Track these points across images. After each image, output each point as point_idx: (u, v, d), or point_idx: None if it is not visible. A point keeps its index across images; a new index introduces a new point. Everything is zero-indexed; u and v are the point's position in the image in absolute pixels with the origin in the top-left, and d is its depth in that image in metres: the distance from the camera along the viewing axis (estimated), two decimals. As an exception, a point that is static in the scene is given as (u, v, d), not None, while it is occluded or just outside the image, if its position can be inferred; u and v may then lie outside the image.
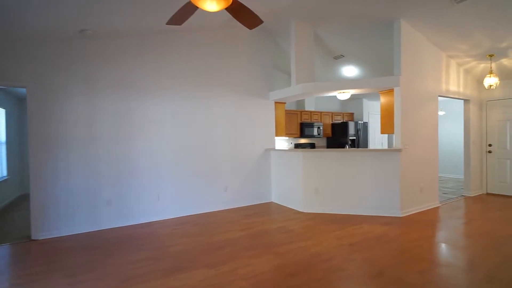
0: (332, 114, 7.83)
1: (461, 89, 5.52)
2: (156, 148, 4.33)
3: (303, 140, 7.55)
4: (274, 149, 5.40)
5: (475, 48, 4.70)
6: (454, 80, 5.35)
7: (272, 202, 5.47)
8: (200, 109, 4.73)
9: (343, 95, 4.75)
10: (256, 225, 4.03)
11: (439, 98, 5.21)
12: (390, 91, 4.57)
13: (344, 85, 4.56)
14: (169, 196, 4.44)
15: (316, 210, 4.63)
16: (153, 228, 3.98)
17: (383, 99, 4.72)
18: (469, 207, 4.87)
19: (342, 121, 7.97)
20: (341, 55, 5.78)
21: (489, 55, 4.83)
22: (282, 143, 7.15)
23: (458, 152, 7.68)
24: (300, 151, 4.66)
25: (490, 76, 4.85)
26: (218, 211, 4.82)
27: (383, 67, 5.71)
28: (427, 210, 4.71)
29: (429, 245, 3.19)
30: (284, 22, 4.90)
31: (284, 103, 5.79)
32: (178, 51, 4.52)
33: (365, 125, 7.93)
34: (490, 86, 4.87)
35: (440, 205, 5.02)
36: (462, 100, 5.84)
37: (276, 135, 5.69)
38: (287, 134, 6.83)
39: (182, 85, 4.56)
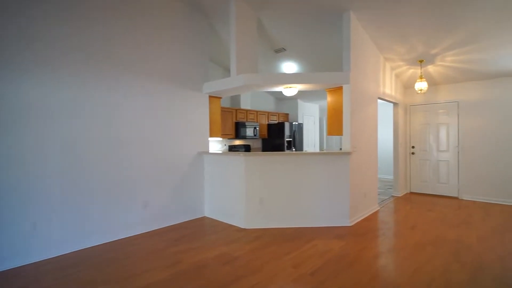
0: (268, 114, 7.32)
1: (393, 93, 5.66)
2: (36, 153, 2.88)
3: (238, 142, 6.80)
4: (208, 152, 4.46)
5: (410, 52, 4.76)
6: (388, 84, 5.42)
7: (205, 217, 4.51)
8: (111, 99, 3.44)
9: (290, 90, 4.17)
10: (189, 255, 3.03)
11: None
12: (338, 89, 4.19)
13: (293, 79, 3.97)
14: (56, 222, 3.03)
15: (261, 225, 3.90)
16: (22, 278, 2.56)
17: (330, 98, 4.33)
18: (404, 209, 4.92)
19: (278, 121, 7.54)
20: (283, 48, 5.25)
21: (420, 61, 4.98)
22: (215, 145, 6.24)
23: (382, 153, 8.14)
24: (242, 155, 3.86)
25: (420, 81, 5.01)
26: (134, 237, 3.60)
27: (327, 66, 5.41)
28: (371, 215, 4.53)
29: (394, 263, 2.80)
30: (223, 1, 4.05)
31: (220, 97, 4.90)
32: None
33: (300, 126, 7.69)
34: (421, 90, 5.04)
35: (379, 208, 4.94)
36: (392, 104, 6.04)
37: (211, 136, 4.76)
38: (222, 134, 5.96)
39: (87, 66, 3.20)
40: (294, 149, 7.37)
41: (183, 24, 4.25)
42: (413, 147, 6.26)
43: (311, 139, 8.44)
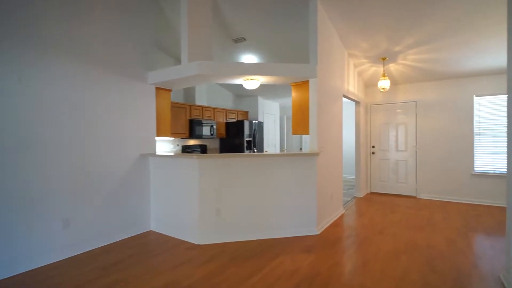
0: (227, 112, 6.74)
1: (356, 91, 5.49)
2: None
3: (192, 141, 6.10)
4: (155, 155, 3.73)
5: (373, 48, 4.58)
6: (352, 81, 5.23)
7: (151, 232, 3.78)
8: (25, 89, 2.55)
9: (251, 83, 3.65)
10: (123, 289, 2.34)
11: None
12: (304, 84, 3.80)
13: (255, 69, 3.46)
14: None
15: (218, 239, 3.32)
16: None
17: (295, 93, 3.92)
18: (368, 211, 4.74)
19: (237, 119, 7.00)
20: (243, 37, 4.72)
21: (382, 58, 4.85)
22: (166, 145, 5.47)
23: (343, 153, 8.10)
24: (195, 157, 3.24)
25: (383, 79, 4.88)
26: (53, 266, 2.76)
27: (292, 60, 5.01)
28: (337, 219, 4.23)
29: (371, 281, 2.44)
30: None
31: (170, 90, 4.19)
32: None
33: (261, 125, 7.25)
34: (383, 88, 4.91)
35: (344, 211, 4.70)
36: (353, 103, 5.90)
37: (159, 135, 4.03)
38: (174, 133, 5.23)
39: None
40: (255, 150, 6.90)
41: (125, 3, 3.47)
42: (373, 146, 6.21)
43: (272, 139, 8.06)
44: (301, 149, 9.11)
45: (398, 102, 5.91)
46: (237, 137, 6.64)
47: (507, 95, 2.36)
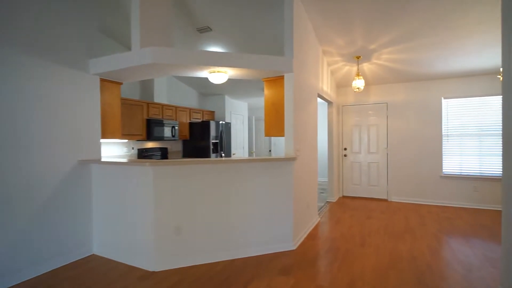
0: (190, 111, 6.11)
1: (329, 91, 5.23)
2: None
3: (151, 144, 5.39)
4: (98, 161, 3.03)
5: (349, 46, 4.33)
6: (325, 80, 4.95)
7: (94, 256, 3.07)
8: None
9: (218, 76, 3.13)
10: None
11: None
12: (278, 80, 3.38)
13: (222, 59, 2.94)
14: None
15: (178, 263, 2.74)
16: None
17: (269, 90, 3.48)
18: (344, 218, 4.46)
19: (202, 120, 6.40)
20: (208, 27, 4.17)
21: (357, 57, 4.63)
22: (118, 149, 4.71)
23: None
24: (148, 164, 2.62)
25: (358, 78, 4.66)
26: None
27: (264, 53, 4.57)
28: (313, 230, 3.87)
29: (363, 309, 2.07)
30: None
31: (119, 83, 3.51)
32: None
33: (228, 126, 6.73)
34: (358, 88, 4.69)
35: (319, 219, 4.36)
36: (325, 103, 5.65)
37: (106, 136, 3.33)
38: (126, 135, 4.50)
39: None
40: (222, 154, 6.35)
41: (52, -36, 2.74)
42: (345, 149, 6.02)
43: (240, 141, 7.58)
44: (270, 151, 8.75)
45: (370, 104, 5.79)
46: (202, 139, 6.05)
47: (502, 96, 2.14)
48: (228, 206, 2.92)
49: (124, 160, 3.19)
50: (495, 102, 4.86)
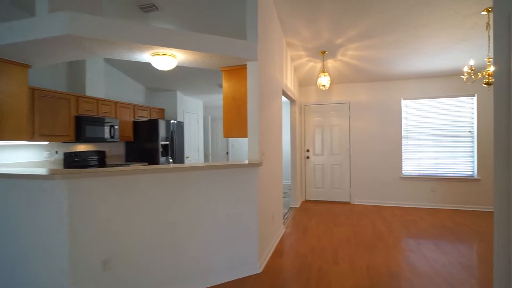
0: (135, 108, 5.23)
1: (292, 88, 4.85)
2: None
3: (83, 147, 4.41)
4: (-10, 173, 2.14)
5: (315, 39, 3.98)
6: (289, 76, 4.55)
7: (-18, 307, 2.17)
8: None
9: (164, 61, 2.47)
10: None
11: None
12: (240, 70, 2.84)
13: (169, 38, 2.29)
14: None
15: (107, 311, 2.02)
16: None
17: (228, 83, 2.91)
18: (310, 226, 4.09)
19: (149, 118, 5.55)
20: (154, 5, 3.45)
21: (322, 52, 4.32)
22: (34, 153, 3.69)
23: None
24: (60, 176, 1.85)
25: (323, 75, 4.35)
26: None
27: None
28: (279, 244, 3.41)
29: None
30: None
31: (26, 66, 2.62)
32: None
33: (181, 126, 5.98)
34: (323, 86, 4.38)
35: (285, 229, 3.93)
36: (288, 101, 5.28)
37: (3, 138, 2.42)
38: (46, 135, 3.53)
39: None
40: (170, 159, 5.57)
41: None
42: (307, 150, 5.72)
43: (194, 143, 6.86)
44: (227, 153, 8.16)
45: (332, 103, 5.57)
46: (149, 140, 5.22)
47: (493, 97, 1.90)
48: (178, 226, 2.28)
49: (32, 169, 2.33)
50: (449, 104, 4.96)
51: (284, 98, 5.04)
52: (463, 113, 4.92)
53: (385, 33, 3.73)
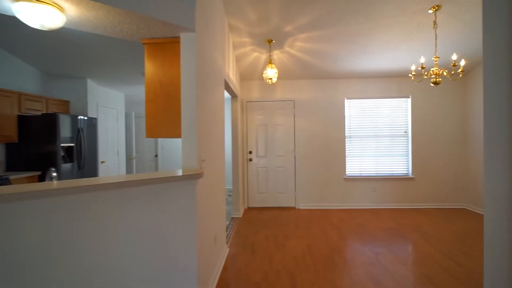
0: (21, 97, 3.83)
1: (234, 80, 4.20)
2: None
3: None
4: None
5: (262, 23, 3.41)
6: (231, 66, 3.89)
7: None
8: None
9: (41, 13, 1.52)
10: None
11: (220, 85, 3.46)
12: (170, 43, 2.05)
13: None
14: None
15: None
16: None
17: (153, 62, 2.09)
18: (258, 241, 3.51)
19: (45, 112, 4.18)
20: None
21: (268, 41, 3.80)
22: None
23: None
24: None
25: (270, 67, 3.82)
26: None
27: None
28: (224, 271, 2.71)
29: None
30: None
31: None
32: None
33: (92, 123, 4.72)
34: (270, 79, 3.86)
35: (228, 249, 3.24)
36: (230, 96, 4.62)
37: None
38: None
39: None
40: (79, 165, 4.29)
41: None
42: (250, 152, 5.15)
43: (113, 144, 5.60)
44: (156, 156, 7.03)
45: (277, 100, 5.13)
46: (44, 142, 3.89)
47: (483, 97, 1.59)
48: (83, 271, 1.38)
49: None
50: (388, 105, 5.03)
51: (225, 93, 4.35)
52: (399, 114, 5.04)
53: (336, 23, 3.40)
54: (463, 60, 3.21)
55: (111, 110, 5.55)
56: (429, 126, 4.95)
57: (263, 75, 3.90)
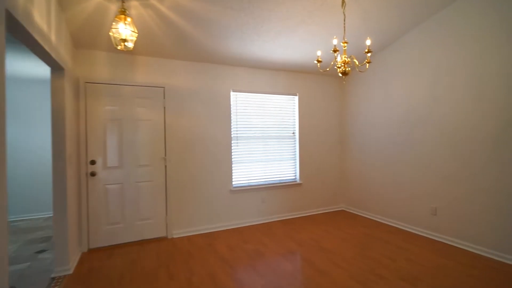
0: None
1: (54, 38, 2.35)
2: None
3: None
4: None
5: None
6: (43, 3, 2.06)
7: None
8: None
9: None
10: None
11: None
12: None
13: None
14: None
15: None
16: None
17: None
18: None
19: None
20: None
21: (120, -23, 2.26)
22: None
23: (13, 172, 4.26)
24: None
25: (125, 23, 2.29)
26: None
27: None
28: None
29: None
30: None
31: None
32: None
33: None
34: (123, 42, 2.33)
35: None
36: (48, 68, 2.69)
37: None
38: None
39: None
40: None
41: None
42: (93, 162, 3.30)
43: None
44: None
45: (138, 85, 3.52)
46: None
47: None
48: None
49: None
50: (276, 102, 4.41)
51: (32, 57, 2.42)
52: (288, 113, 4.52)
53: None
54: (368, 40, 2.71)
55: None
56: (314, 127, 4.67)
57: (111, 34, 2.30)
